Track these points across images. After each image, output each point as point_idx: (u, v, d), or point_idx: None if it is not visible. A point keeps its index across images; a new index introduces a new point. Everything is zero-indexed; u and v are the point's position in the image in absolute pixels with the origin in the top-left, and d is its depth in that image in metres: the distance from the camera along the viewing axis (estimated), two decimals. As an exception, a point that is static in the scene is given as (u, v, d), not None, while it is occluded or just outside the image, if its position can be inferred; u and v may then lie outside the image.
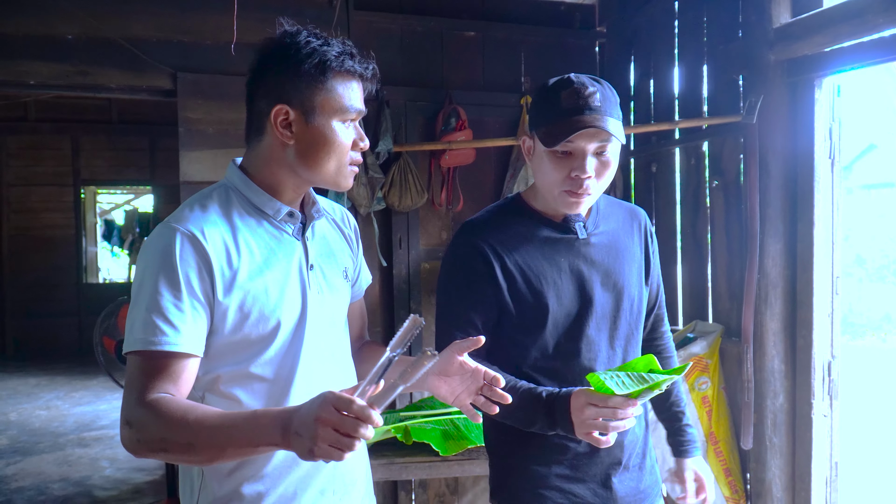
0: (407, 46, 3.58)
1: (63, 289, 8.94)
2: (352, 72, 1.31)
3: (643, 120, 3.62)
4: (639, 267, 1.64)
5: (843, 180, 2.75)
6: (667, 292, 3.46)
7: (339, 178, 1.34)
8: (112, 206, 13.64)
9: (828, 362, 2.69)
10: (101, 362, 3.70)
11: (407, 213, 3.51)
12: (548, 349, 1.53)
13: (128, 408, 1.19)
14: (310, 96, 1.29)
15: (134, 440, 1.17)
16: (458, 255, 1.56)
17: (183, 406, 1.16)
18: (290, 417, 1.07)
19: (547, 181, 1.49)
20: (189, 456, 1.16)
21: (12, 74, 2.90)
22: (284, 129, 1.30)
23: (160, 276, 1.21)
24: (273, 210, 1.34)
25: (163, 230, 1.26)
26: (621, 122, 1.49)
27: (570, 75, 1.48)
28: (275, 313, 1.30)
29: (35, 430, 5.67)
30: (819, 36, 2.46)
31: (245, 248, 1.29)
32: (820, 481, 2.70)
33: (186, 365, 1.22)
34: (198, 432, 1.13)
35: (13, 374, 7.72)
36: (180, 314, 1.21)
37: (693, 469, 1.72)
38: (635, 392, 1.30)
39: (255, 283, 1.28)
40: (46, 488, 4.36)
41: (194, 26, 3.06)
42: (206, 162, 3.03)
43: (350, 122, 1.33)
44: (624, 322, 1.59)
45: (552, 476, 1.55)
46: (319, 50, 1.29)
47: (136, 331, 1.21)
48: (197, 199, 1.34)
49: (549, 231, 1.55)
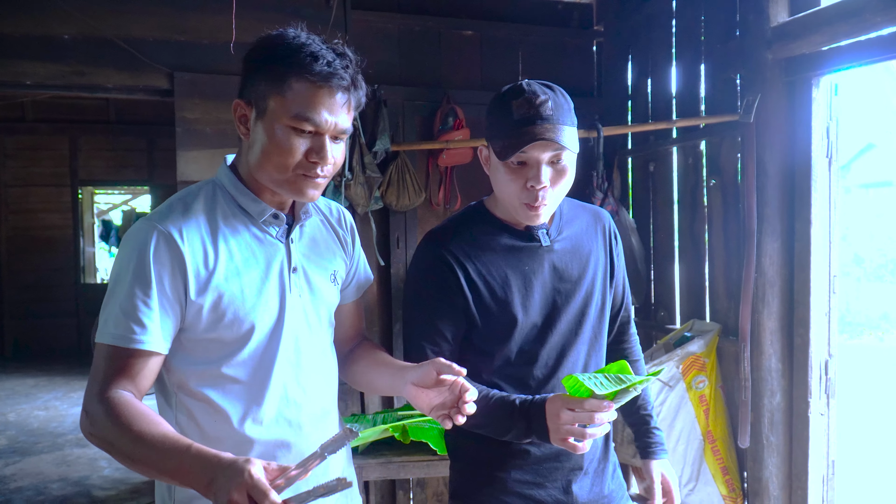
0: (404, 46, 3.58)
1: (61, 289, 8.93)
2: (315, 79, 1.23)
3: (641, 119, 3.62)
4: (604, 270, 1.63)
5: (840, 179, 2.75)
6: (664, 291, 3.47)
7: (287, 186, 1.29)
8: (110, 207, 13.61)
9: (825, 361, 2.69)
10: (99, 362, 3.70)
11: (405, 213, 3.51)
12: (511, 356, 1.52)
13: (88, 396, 1.22)
14: (264, 95, 1.26)
15: (87, 430, 1.21)
16: (423, 266, 1.53)
17: (133, 413, 1.17)
18: (215, 473, 1.07)
19: (505, 192, 1.48)
20: (124, 461, 1.19)
21: (9, 75, 2.90)
22: (242, 124, 1.30)
23: (134, 275, 1.23)
24: (257, 211, 1.33)
25: (142, 226, 1.27)
26: (576, 126, 1.47)
27: (521, 83, 1.45)
28: (249, 316, 1.29)
29: (34, 430, 5.67)
30: (817, 35, 2.47)
31: (224, 249, 1.29)
32: (817, 480, 2.71)
33: (149, 363, 1.25)
34: (135, 447, 1.15)
35: (12, 374, 7.71)
36: (150, 312, 1.22)
37: (660, 471, 1.72)
38: (612, 393, 1.29)
39: (230, 284, 1.28)
40: (45, 488, 4.36)
41: (191, 26, 3.06)
42: (203, 162, 3.03)
43: (307, 133, 1.25)
44: (588, 326, 1.58)
45: (512, 481, 1.54)
46: (283, 49, 1.25)
47: (109, 325, 1.24)
48: (182, 197, 1.34)
49: (513, 239, 1.54)
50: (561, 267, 1.56)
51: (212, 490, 1.06)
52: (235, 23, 2.83)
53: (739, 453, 2.94)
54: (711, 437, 2.92)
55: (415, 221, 3.55)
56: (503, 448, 1.54)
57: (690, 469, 2.95)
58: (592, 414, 1.30)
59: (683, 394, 2.93)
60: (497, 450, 1.55)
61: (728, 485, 2.91)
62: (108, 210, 13.51)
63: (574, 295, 1.56)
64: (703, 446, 2.93)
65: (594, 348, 1.61)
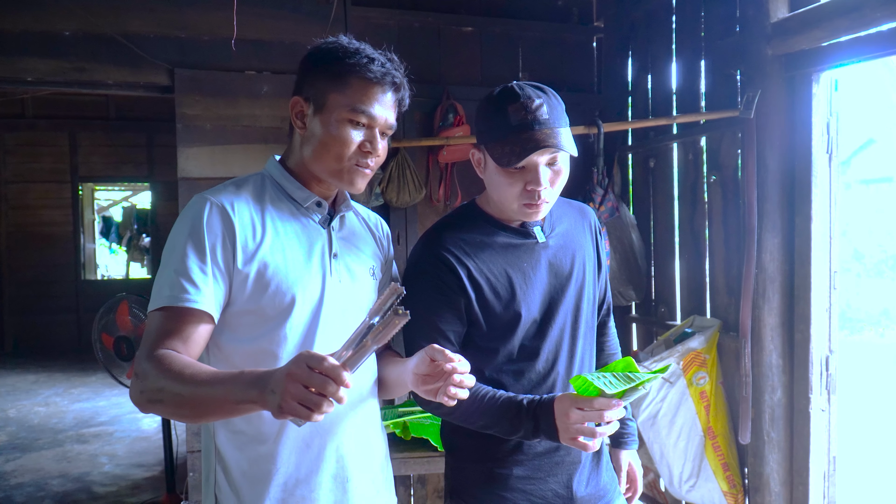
0: (404, 42, 3.58)
1: (61, 285, 8.94)
2: (370, 77, 1.36)
3: (641, 115, 3.62)
4: (593, 264, 1.67)
5: (840, 175, 2.75)
6: (665, 287, 3.47)
7: (341, 176, 1.39)
8: (110, 203, 13.61)
9: (825, 357, 2.69)
10: (100, 359, 3.70)
11: (405, 209, 3.51)
12: (514, 352, 1.53)
13: (138, 360, 1.25)
14: (323, 91, 1.37)
15: (137, 391, 1.22)
16: (422, 267, 1.54)
17: (183, 361, 1.21)
18: (270, 375, 1.08)
19: (503, 196, 1.49)
20: (180, 409, 1.19)
21: (10, 71, 2.89)
22: (298, 119, 1.41)
23: (189, 242, 1.30)
24: (302, 198, 1.42)
25: (197, 200, 1.35)
26: (569, 126, 1.48)
27: (513, 85, 1.46)
28: (291, 289, 1.34)
29: (34, 426, 5.67)
30: (817, 30, 2.46)
31: (270, 226, 1.37)
32: (818, 476, 2.71)
33: (200, 326, 1.28)
34: (189, 386, 1.16)
35: (12, 370, 7.72)
36: (203, 276, 1.28)
37: (628, 460, 1.80)
38: (621, 392, 1.30)
39: (275, 256, 1.34)
40: (45, 484, 4.36)
41: (191, 22, 3.06)
42: (204, 158, 3.02)
43: (361, 126, 1.37)
44: (583, 320, 1.61)
45: (512, 477, 1.55)
46: (342, 51, 1.37)
47: (163, 289, 1.28)
48: (232, 182, 1.43)
49: (509, 237, 1.56)
50: (556, 263, 1.58)
51: (266, 390, 1.06)
52: (236, 19, 2.83)
53: (740, 449, 2.95)
54: (712, 433, 2.92)
55: (415, 218, 3.55)
56: (502, 444, 1.55)
57: (691, 465, 2.95)
58: (602, 412, 1.31)
59: (684, 390, 2.93)
60: (496, 446, 1.55)
61: (729, 481, 2.92)
62: (109, 206, 13.51)
63: (569, 290, 1.58)
64: (703, 442, 2.93)
65: (587, 340, 1.64)
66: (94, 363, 6.69)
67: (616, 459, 1.80)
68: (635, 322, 3.78)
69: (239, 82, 3.06)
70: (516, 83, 1.47)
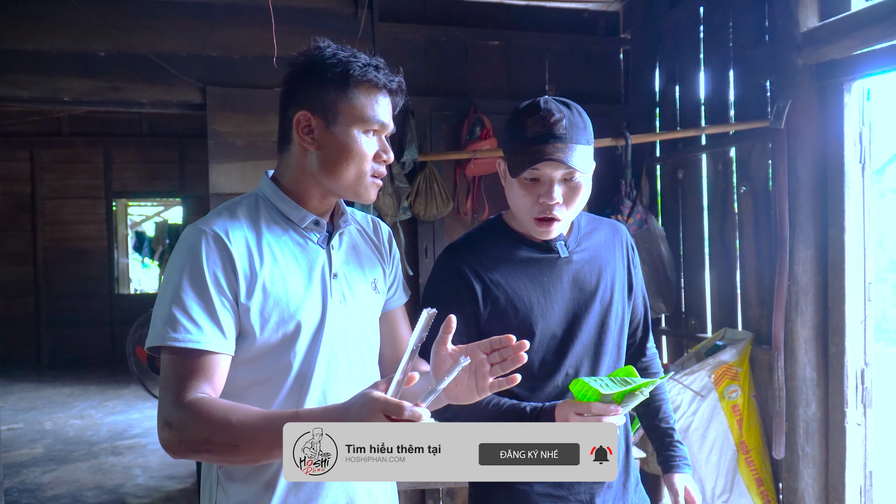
0: (431, 56, 3.61)
1: (96, 299, 9.09)
2: (375, 83, 1.33)
3: (669, 126, 3.60)
4: (622, 283, 1.63)
5: (874, 184, 2.71)
6: (695, 299, 3.43)
7: (359, 188, 1.36)
8: (143, 218, 13.84)
9: (861, 370, 2.64)
10: (134, 371, 3.76)
11: (433, 223, 3.52)
12: (534, 368, 1.52)
13: (166, 408, 1.20)
14: (332, 103, 1.32)
15: (175, 441, 1.18)
16: (440, 279, 1.55)
17: (224, 406, 1.18)
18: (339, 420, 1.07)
19: (518, 206, 1.50)
20: (233, 457, 1.17)
21: (48, 91, 2.98)
22: (307, 135, 1.33)
23: (185, 275, 1.25)
24: (298, 218, 1.37)
25: (190, 232, 1.30)
26: (591, 144, 1.47)
27: (539, 100, 1.46)
28: (295, 317, 1.31)
29: (69, 438, 5.76)
30: (848, 39, 2.44)
31: (268, 252, 1.32)
32: (854, 491, 2.66)
33: (218, 362, 1.24)
34: (241, 433, 1.14)
35: (48, 383, 7.86)
36: (202, 312, 1.23)
37: (683, 484, 1.70)
38: (619, 394, 1.31)
39: (276, 287, 1.30)
40: (81, 496, 4.43)
41: (223, 41, 3.12)
42: (234, 174, 3.07)
43: (373, 133, 1.34)
44: (610, 338, 1.58)
45: (534, 494, 1.53)
46: (344, 60, 1.32)
47: (157, 326, 1.24)
48: (225, 206, 1.37)
49: (531, 251, 1.55)
50: (580, 279, 1.56)
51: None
52: (265, 37, 2.88)
53: (774, 464, 2.90)
54: (745, 447, 2.88)
55: (443, 231, 3.56)
56: None
57: (724, 480, 2.91)
58: (600, 417, 1.31)
59: (716, 403, 2.89)
60: None
61: (763, 496, 2.87)
62: (142, 221, 13.73)
63: (594, 306, 1.56)
64: (736, 457, 2.89)
65: (613, 359, 1.61)
66: (127, 376, 6.78)
67: (669, 484, 1.72)
68: (665, 335, 3.74)
69: (268, 99, 3.10)
70: (544, 98, 1.47)
